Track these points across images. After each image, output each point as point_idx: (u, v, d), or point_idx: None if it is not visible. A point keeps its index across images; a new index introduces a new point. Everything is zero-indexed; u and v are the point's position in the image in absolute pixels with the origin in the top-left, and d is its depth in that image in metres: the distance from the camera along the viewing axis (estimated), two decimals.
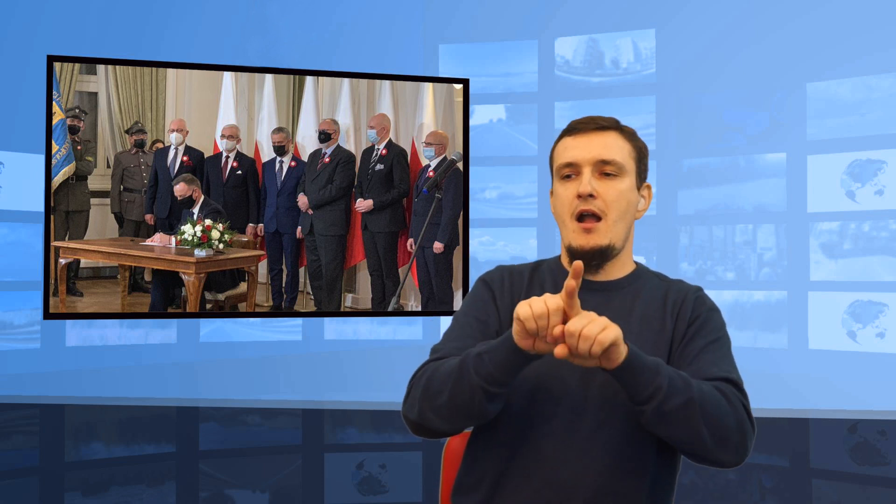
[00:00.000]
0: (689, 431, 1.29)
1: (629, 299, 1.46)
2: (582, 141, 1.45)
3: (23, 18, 5.37)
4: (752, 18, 5.44)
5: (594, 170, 1.43)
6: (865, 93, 5.26)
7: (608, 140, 1.45)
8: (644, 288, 1.48)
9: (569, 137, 1.48)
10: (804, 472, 4.15)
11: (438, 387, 1.34)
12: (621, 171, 1.44)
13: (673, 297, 1.47)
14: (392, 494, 3.78)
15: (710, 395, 1.30)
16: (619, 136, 1.47)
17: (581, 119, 1.49)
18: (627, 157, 1.46)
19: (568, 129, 1.50)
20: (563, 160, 1.46)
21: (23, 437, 4.90)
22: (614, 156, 1.44)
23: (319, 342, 5.78)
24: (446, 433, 1.39)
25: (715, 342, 1.42)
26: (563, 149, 1.48)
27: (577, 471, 1.38)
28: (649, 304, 1.46)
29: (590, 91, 5.90)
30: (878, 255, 5.23)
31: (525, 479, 1.41)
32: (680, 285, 1.51)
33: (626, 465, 1.39)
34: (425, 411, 1.35)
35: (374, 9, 5.99)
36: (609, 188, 1.43)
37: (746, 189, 5.56)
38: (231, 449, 4.60)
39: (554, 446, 1.39)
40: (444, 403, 1.33)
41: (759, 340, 5.46)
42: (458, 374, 1.32)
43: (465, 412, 1.33)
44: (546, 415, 1.40)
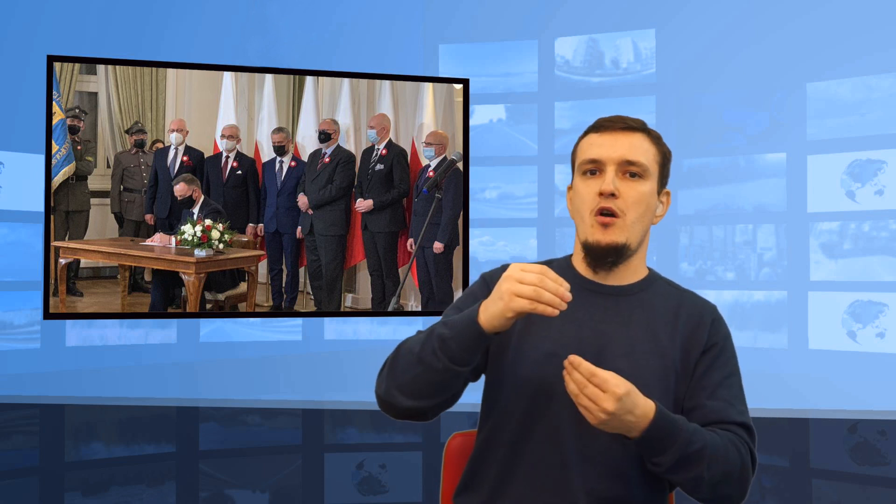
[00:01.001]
0: (693, 487, 1.35)
1: (636, 306, 1.45)
2: (608, 139, 1.44)
3: (23, 18, 5.37)
4: (752, 18, 5.44)
5: (618, 169, 1.42)
6: (865, 93, 5.26)
7: (634, 141, 1.44)
8: (655, 296, 1.47)
9: (595, 134, 1.46)
10: (804, 472, 4.15)
11: (404, 366, 1.34)
12: (645, 172, 1.43)
13: (687, 312, 1.46)
14: (392, 494, 3.78)
15: (723, 456, 1.34)
16: (646, 138, 1.46)
17: (609, 117, 1.48)
18: (652, 161, 1.45)
19: (595, 125, 1.48)
20: (587, 156, 1.45)
21: (23, 437, 4.90)
22: (639, 157, 1.43)
23: (319, 342, 5.78)
24: (412, 410, 1.37)
25: (730, 377, 1.44)
26: (587, 145, 1.46)
27: (578, 473, 1.38)
28: (659, 314, 1.45)
29: (590, 91, 5.90)
30: (878, 255, 5.23)
31: (527, 482, 1.41)
32: (694, 300, 1.50)
33: (626, 468, 1.39)
34: (391, 388, 1.36)
35: (374, 9, 5.99)
36: (631, 189, 1.42)
37: (746, 189, 5.56)
38: (231, 449, 4.60)
39: (555, 449, 1.39)
40: (408, 381, 1.34)
41: (759, 340, 5.46)
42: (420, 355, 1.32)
43: (428, 390, 1.34)
44: (548, 417, 1.40)
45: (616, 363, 1.39)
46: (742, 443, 1.37)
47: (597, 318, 1.44)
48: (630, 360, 1.40)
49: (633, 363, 1.40)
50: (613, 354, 1.40)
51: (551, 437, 1.40)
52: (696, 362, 1.43)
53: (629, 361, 1.40)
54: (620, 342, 1.42)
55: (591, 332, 1.42)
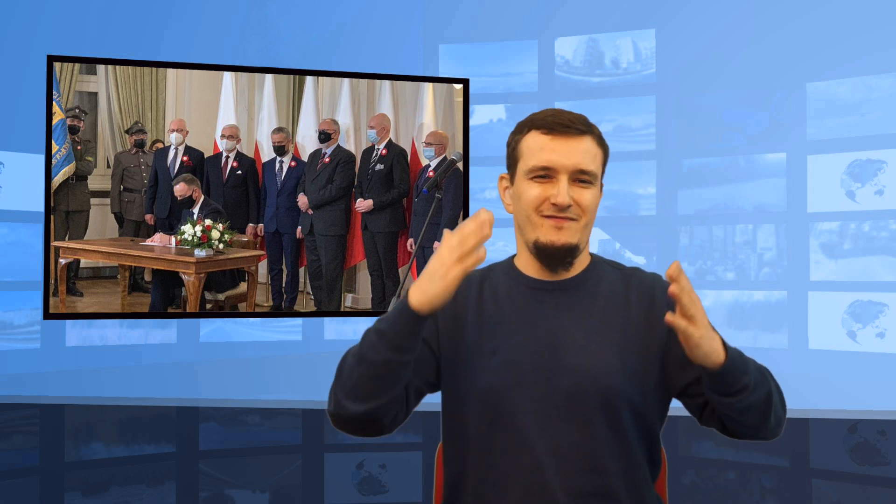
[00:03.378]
0: (760, 418, 1.37)
1: (586, 297, 1.44)
2: (561, 145, 1.40)
3: (23, 18, 5.37)
4: (752, 18, 5.43)
5: (570, 178, 1.39)
6: (865, 93, 5.26)
7: (586, 146, 1.41)
8: (602, 282, 1.46)
9: (546, 137, 1.41)
10: (804, 472, 4.15)
11: (347, 371, 1.34)
12: (594, 179, 1.41)
13: (637, 291, 1.45)
14: (392, 494, 3.78)
15: (777, 386, 1.40)
16: (594, 141, 1.42)
17: (557, 117, 1.42)
18: (599, 165, 1.43)
19: (542, 124, 1.42)
20: (538, 162, 1.40)
21: (23, 437, 4.90)
22: (591, 166, 1.40)
23: (319, 342, 5.78)
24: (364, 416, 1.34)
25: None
26: (538, 148, 1.41)
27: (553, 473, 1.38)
28: (609, 300, 1.44)
29: (590, 91, 5.90)
30: (878, 255, 5.23)
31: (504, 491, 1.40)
32: (640, 276, 1.48)
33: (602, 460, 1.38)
34: (339, 398, 1.34)
35: (374, 9, 5.99)
36: (583, 196, 1.40)
37: (746, 189, 5.56)
38: (231, 449, 4.60)
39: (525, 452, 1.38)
40: (353, 385, 1.33)
41: (759, 340, 5.46)
42: (361, 356, 1.32)
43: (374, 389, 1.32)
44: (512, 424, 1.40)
45: (572, 358, 1.39)
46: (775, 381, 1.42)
47: (548, 316, 1.42)
48: (587, 353, 1.39)
49: (590, 355, 1.39)
50: (569, 350, 1.40)
51: (519, 443, 1.39)
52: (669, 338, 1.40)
53: (586, 355, 1.39)
54: (576, 336, 1.41)
55: (545, 331, 1.41)
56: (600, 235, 5.70)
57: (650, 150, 5.74)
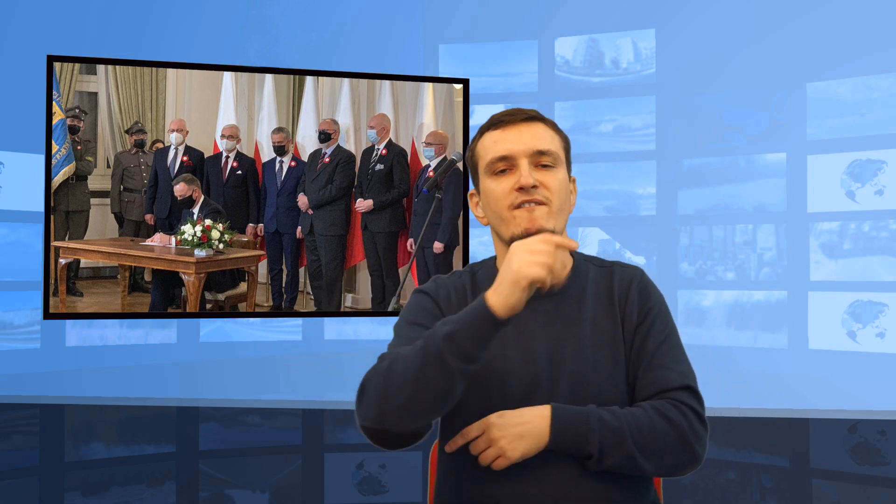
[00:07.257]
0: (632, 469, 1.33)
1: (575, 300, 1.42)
2: (512, 133, 1.39)
3: (23, 18, 5.37)
4: (752, 18, 5.43)
5: (531, 161, 1.37)
6: (865, 93, 5.26)
7: (538, 130, 1.40)
8: (587, 282, 1.44)
9: (495, 132, 1.40)
10: (804, 472, 4.15)
11: (400, 382, 1.24)
12: (556, 161, 1.39)
13: (618, 287, 1.43)
14: (392, 494, 3.78)
15: (649, 434, 1.32)
16: (547, 127, 1.42)
17: (504, 112, 1.42)
18: (559, 148, 1.42)
19: (491, 123, 1.42)
20: (495, 154, 1.38)
21: (23, 437, 4.90)
22: (549, 146, 1.39)
23: (319, 342, 5.78)
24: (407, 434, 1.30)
25: (666, 341, 1.40)
26: (490, 144, 1.40)
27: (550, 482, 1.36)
28: (597, 300, 1.42)
29: (590, 91, 5.90)
30: (878, 255, 5.23)
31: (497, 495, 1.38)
32: (622, 271, 1.46)
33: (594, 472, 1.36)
34: (385, 414, 1.26)
35: (374, 9, 5.99)
36: (549, 178, 1.38)
37: (746, 189, 5.55)
38: (231, 449, 4.60)
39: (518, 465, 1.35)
40: (409, 396, 1.23)
41: (759, 340, 5.46)
42: (423, 362, 1.23)
43: (432, 403, 1.25)
44: None
45: (566, 366, 1.37)
46: (679, 406, 1.34)
47: (543, 323, 1.40)
48: (580, 359, 1.38)
49: (582, 362, 1.38)
50: (563, 358, 1.38)
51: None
52: (634, 335, 1.39)
53: (579, 362, 1.38)
54: (570, 343, 1.39)
55: (541, 340, 1.39)
56: (600, 235, 5.70)
57: (650, 150, 5.74)
